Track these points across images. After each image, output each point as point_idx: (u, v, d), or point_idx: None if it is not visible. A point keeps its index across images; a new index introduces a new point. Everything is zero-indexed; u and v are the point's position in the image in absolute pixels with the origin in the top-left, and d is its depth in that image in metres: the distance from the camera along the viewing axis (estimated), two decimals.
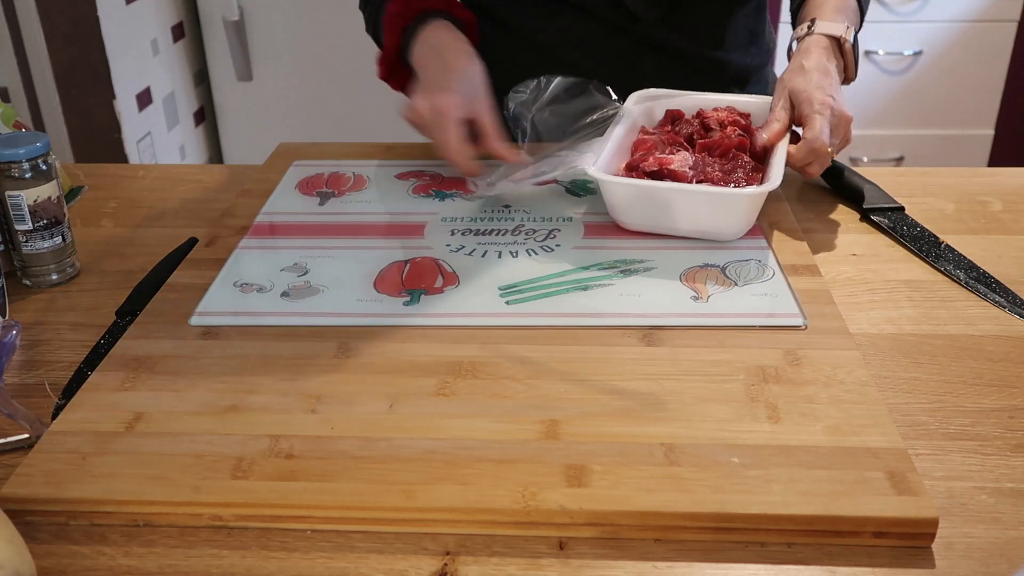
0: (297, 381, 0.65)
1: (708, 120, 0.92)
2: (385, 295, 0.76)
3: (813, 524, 0.53)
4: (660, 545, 0.54)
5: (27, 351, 0.74)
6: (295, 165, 1.00)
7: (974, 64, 2.43)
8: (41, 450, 0.59)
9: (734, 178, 0.84)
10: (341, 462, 0.58)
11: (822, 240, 0.88)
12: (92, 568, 0.53)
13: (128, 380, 0.66)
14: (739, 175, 0.84)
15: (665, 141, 0.89)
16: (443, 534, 0.55)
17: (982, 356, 0.71)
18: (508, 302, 0.74)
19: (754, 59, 1.09)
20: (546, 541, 0.54)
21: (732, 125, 0.91)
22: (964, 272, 0.82)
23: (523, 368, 0.66)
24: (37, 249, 0.82)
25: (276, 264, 0.81)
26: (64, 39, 1.87)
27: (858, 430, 0.59)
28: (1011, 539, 0.54)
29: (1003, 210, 0.94)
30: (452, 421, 0.61)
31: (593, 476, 0.56)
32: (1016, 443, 0.62)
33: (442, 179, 0.97)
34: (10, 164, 0.79)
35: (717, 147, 0.87)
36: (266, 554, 0.54)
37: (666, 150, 0.88)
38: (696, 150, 0.88)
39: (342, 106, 2.29)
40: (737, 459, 0.57)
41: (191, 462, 0.58)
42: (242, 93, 2.31)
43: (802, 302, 0.73)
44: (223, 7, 2.18)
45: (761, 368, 0.66)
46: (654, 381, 0.65)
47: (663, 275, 0.78)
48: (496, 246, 0.83)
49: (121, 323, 0.76)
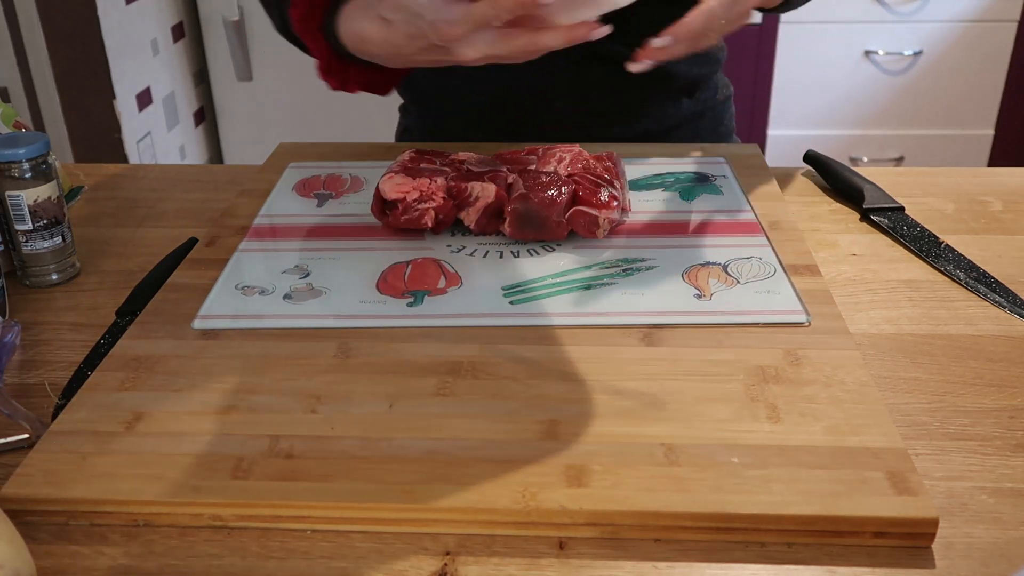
0: (297, 381, 0.65)
1: None
2: (388, 296, 0.76)
3: (813, 524, 0.53)
4: (660, 545, 0.54)
5: (27, 351, 0.74)
6: (291, 167, 1.00)
7: (974, 64, 2.43)
8: (41, 450, 0.59)
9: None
10: (341, 462, 0.58)
11: (822, 240, 0.88)
12: (92, 568, 0.53)
13: (128, 380, 0.66)
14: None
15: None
16: (443, 534, 0.55)
17: (982, 356, 0.71)
18: (512, 302, 0.75)
19: (703, 68, 1.08)
20: (546, 541, 0.54)
21: None
22: (964, 272, 0.82)
23: (523, 368, 0.66)
24: (37, 249, 0.83)
25: (277, 266, 0.81)
26: (64, 39, 1.87)
27: (858, 430, 0.59)
28: (1011, 539, 0.54)
29: (1003, 210, 0.94)
30: (452, 421, 0.61)
31: (593, 476, 0.56)
32: (1016, 443, 0.62)
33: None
34: (10, 164, 0.79)
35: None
36: (266, 554, 0.54)
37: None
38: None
39: (342, 106, 2.29)
40: (737, 459, 0.57)
41: (191, 462, 0.58)
42: (242, 93, 2.31)
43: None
44: (223, 7, 2.19)
45: (761, 368, 0.66)
46: (654, 381, 0.65)
47: (665, 273, 0.78)
48: (497, 246, 0.83)
49: (121, 323, 0.76)
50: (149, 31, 2.06)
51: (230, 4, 2.17)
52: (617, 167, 0.87)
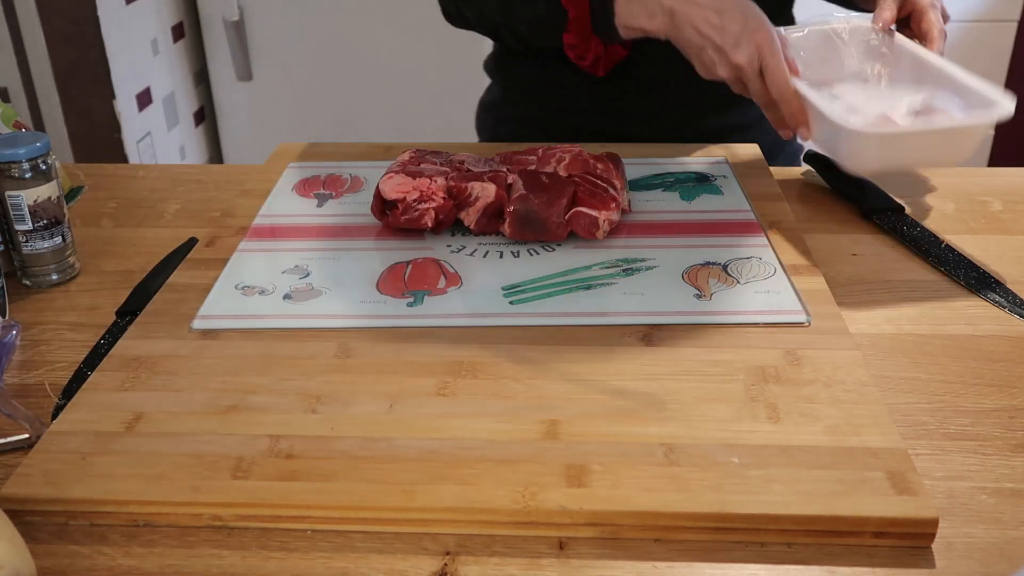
0: (297, 381, 0.65)
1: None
2: (388, 296, 0.76)
3: (813, 524, 0.53)
4: (660, 545, 0.54)
5: (27, 351, 0.74)
6: (291, 167, 1.00)
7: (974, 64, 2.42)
8: (41, 450, 0.59)
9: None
10: (341, 462, 0.58)
11: (822, 240, 0.88)
12: (92, 568, 0.53)
13: (128, 380, 0.66)
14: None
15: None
16: (443, 534, 0.55)
17: (982, 356, 0.71)
18: (512, 302, 0.74)
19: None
20: (546, 541, 0.54)
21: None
22: (964, 272, 0.82)
23: (523, 368, 0.66)
24: (37, 249, 0.82)
25: (277, 266, 0.81)
26: (64, 39, 1.87)
27: (858, 430, 0.59)
28: (1011, 539, 0.54)
29: (1003, 210, 0.94)
30: (452, 421, 0.61)
31: (593, 476, 0.56)
32: (1016, 443, 0.62)
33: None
34: (10, 164, 0.79)
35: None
36: (266, 554, 0.54)
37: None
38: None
39: (342, 106, 2.29)
40: (737, 459, 0.57)
41: (191, 462, 0.58)
42: (242, 93, 2.31)
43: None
44: (223, 7, 2.18)
45: (761, 368, 0.66)
46: (654, 381, 0.65)
47: (665, 273, 0.78)
48: (497, 246, 0.83)
49: (121, 323, 0.76)
50: (149, 31, 2.06)
51: (230, 4, 2.16)
52: (617, 167, 0.87)
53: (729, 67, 0.82)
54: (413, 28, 2.19)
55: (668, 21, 0.85)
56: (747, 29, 0.81)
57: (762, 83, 0.82)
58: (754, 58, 0.81)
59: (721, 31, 0.82)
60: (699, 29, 0.82)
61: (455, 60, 2.20)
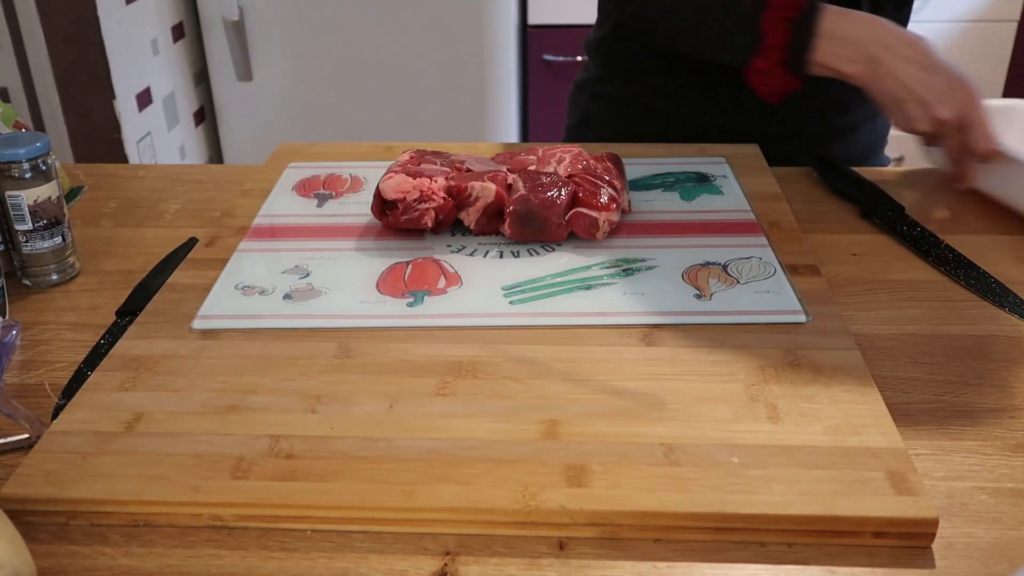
0: (297, 381, 0.65)
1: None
2: (388, 296, 0.76)
3: (813, 524, 0.53)
4: (660, 545, 0.54)
5: (27, 351, 0.74)
6: (291, 167, 1.00)
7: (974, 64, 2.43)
8: (41, 450, 0.59)
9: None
10: (341, 462, 0.58)
11: (822, 240, 0.88)
12: (92, 568, 0.53)
13: (128, 380, 0.66)
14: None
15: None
16: (443, 534, 0.55)
17: (982, 356, 0.71)
18: (512, 302, 0.75)
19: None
20: (546, 541, 0.54)
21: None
22: (964, 272, 0.82)
23: (523, 368, 0.66)
24: (37, 249, 0.83)
25: (277, 266, 0.81)
26: (64, 39, 1.87)
27: (858, 430, 0.59)
28: (1011, 539, 0.54)
29: (1003, 210, 0.94)
30: (452, 421, 0.61)
31: (593, 476, 0.56)
32: (1016, 443, 0.62)
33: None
34: (10, 164, 0.79)
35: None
36: (266, 554, 0.54)
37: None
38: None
39: (342, 106, 2.29)
40: (737, 459, 0.57)
41: (191, 462, 0.58)
42: (242, 93, 2.31)
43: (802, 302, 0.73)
44: (223, 7, 2.18)
45: (761, 368, 0.66)
46: (654, 381, 0.65)
47: (665, 273, 0.78)
48: (497, 246, 0.83)
49: (121, 323, 0.76)
50: (149, 31, 2.06)
51: (230, 4, 2.16)
52: (617, 167, 0.87)
53: (931, 121, 0.86)
54: (413, 28, 2.19)
55: (868, 69, 0.87)
56: (952, 87, 0.85)
57: (960, 138, 0.87)
58: (958, 115, 0.85)
59: (927, 87, 0.85)
60: (904, 83, 0.85)
61: (455, 60, 2.20)
